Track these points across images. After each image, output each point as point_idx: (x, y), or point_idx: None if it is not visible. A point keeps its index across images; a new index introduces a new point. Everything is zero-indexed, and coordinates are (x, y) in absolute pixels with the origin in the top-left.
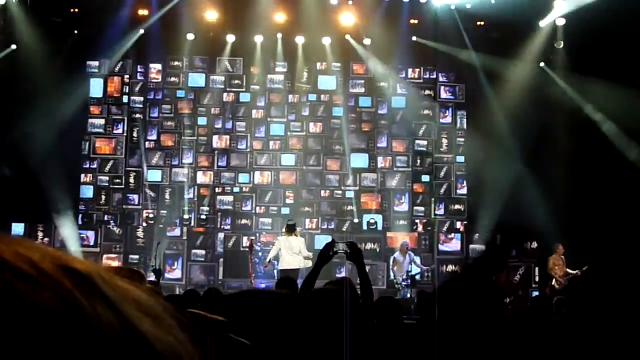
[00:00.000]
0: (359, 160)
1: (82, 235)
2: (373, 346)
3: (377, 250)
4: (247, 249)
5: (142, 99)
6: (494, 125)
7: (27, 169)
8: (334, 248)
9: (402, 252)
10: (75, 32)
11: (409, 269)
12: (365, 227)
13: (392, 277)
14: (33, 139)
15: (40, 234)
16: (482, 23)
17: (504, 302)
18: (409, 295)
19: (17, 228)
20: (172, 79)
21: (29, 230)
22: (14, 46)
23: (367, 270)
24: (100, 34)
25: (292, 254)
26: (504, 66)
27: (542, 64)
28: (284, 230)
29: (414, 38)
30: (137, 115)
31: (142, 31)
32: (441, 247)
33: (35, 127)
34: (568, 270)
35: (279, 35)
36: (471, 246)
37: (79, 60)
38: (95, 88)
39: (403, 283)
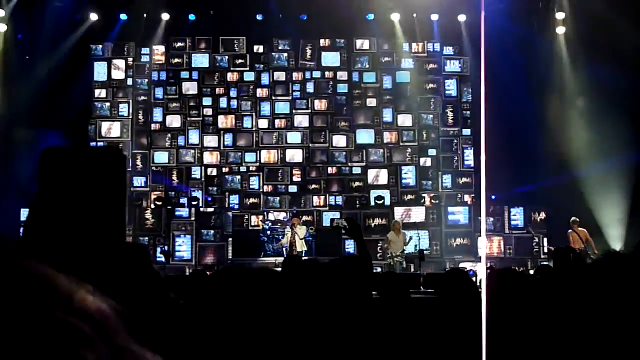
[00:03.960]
0: (366, 136)
1: None
2: (372, 317)
3: (386, 225)
4: (256, 228)
5: (146, 81)
6: (501, 97)
7: (33, 154)
8: (333, 225)
9: (395, 231)
10: (77, 17)
11: (404, 248)
12: (373, 202)
13: (388, 255)
14: (39, 124)
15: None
16: None
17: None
18: (413, 270)
19: (26, 214)
20: (176, 60)
21: None
22: (20, 36)
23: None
24: (101, 17)
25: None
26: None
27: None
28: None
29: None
30: (142, 98)
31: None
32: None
33: (40, 112)
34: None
35: (282, 13)
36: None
37: (83, 44)
38: (100, 72)
39: (397, 259)
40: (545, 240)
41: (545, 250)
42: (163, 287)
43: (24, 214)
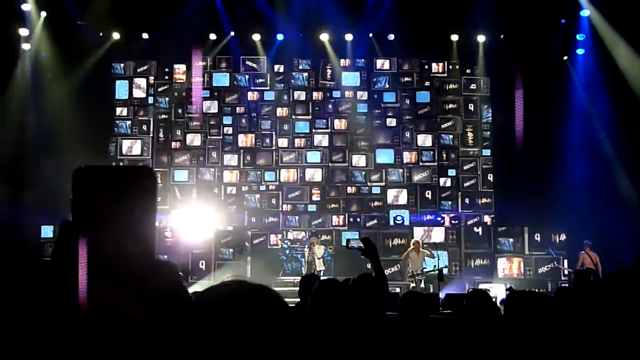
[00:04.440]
0: (385, 155)
1: None
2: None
3: (405, 245)
4: (274, 247)
5: (167, 99)
6: (520, 117)
7: (54, 172)
8: (348, 245)
9: (415, 250)
10: (101, 34)
11: (424, 265)
12: (392, 222)
13: (409, 273)
14: (60, 142)
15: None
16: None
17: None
18: (432, 290)
19: (47, 230)
20: (197, 79)
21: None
22: (43, 54)
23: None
24: (123, 36)
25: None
26: (529, 58)
27: (565, 57)
28: (313, 240)
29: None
30: (163, 116)
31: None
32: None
33: (62, 130)
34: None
35: (302, 33)
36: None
37: (105, 62)
38: (121, 90)
39: (417, 277)
40: (566, 261)
41: (565, 272)
42: (192, 304)
43: (45, 230)
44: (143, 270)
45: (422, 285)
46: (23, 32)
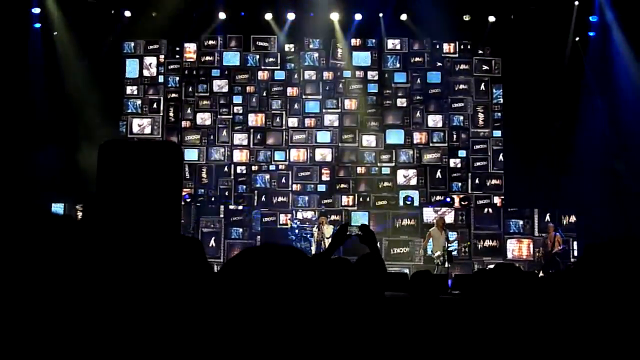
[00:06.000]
0: (395, 136)
1: None
2: (377, 318)
3: (414, 226)
4: (284, 227)
5: (177, 78)
6: (531, 98)
7: (64, 149)
8: (347, 231)
9: (438, 227)
10: (112, 12)
11: (445, 245)
12: (401, 203)
13: (429, 252)
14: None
15: (80, 214)
16: None
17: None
18: (446, 266)
19: (57, 208)
20: (207, 58)
21: (69, 210)
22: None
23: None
24: (134, 14)
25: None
26: (541, 39)
27: (577, 39)
28: (321, 219)
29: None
30: (173, 95)
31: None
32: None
33: (71, 111)
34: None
35: (313, 12)
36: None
37: (115, 41)
38: (131, 69)
39: (440, 259)
40: (575, 243)
41: (575, 254)
42: (215, 280)
43: (55, 209)
44: (167, 244)
45: (447, 265)
46: (34, 10)
